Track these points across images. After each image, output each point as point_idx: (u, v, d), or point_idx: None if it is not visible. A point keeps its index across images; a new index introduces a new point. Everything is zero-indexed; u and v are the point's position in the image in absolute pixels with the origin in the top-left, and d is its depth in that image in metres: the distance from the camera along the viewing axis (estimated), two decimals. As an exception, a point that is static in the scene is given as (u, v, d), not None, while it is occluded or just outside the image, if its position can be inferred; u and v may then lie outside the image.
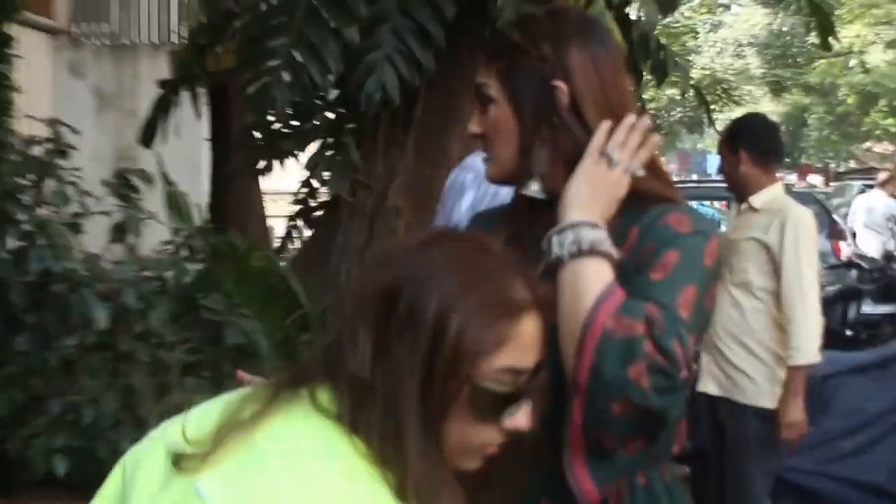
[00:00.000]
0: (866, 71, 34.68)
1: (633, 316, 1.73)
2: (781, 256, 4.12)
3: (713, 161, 58.79)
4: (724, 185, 4.87)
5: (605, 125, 1.84)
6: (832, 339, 6.22)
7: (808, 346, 3.95)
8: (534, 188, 1.90)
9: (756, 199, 4.10)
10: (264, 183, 6.28)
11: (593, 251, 1.79)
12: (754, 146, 4.15)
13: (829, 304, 7.47)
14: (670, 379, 1.70)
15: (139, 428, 3.86)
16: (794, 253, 4.01)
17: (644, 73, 5.24)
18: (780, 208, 4.10)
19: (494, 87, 1.95)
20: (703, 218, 1.97)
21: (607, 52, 1.96)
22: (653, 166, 1.93)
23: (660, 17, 4.44)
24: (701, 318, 1.86)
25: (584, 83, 1.90)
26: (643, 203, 1.91)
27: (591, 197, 1.85)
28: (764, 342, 4.11)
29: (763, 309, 4.26)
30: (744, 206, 4.20)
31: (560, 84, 1.88)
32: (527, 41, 1.96)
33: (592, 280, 1.77)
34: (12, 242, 3.82)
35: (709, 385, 4.47)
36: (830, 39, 5.62)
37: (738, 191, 4.23)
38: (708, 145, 54.08)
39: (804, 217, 4.11)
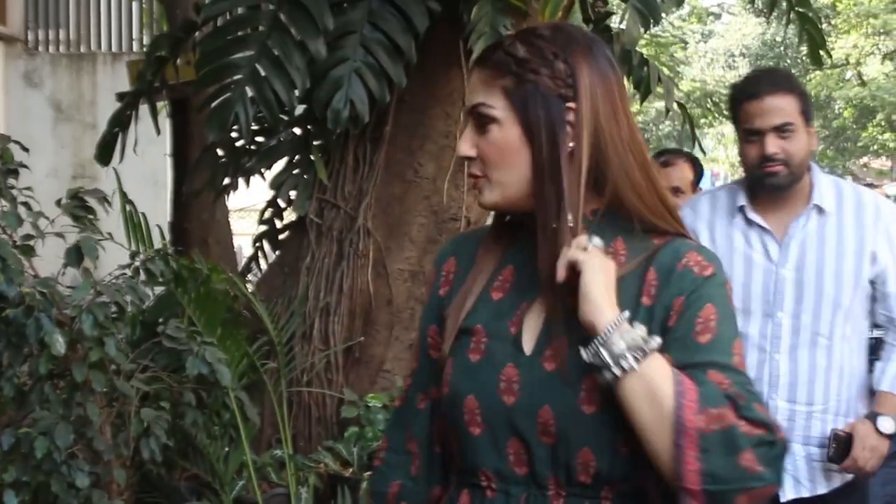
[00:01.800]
0: (863, 83, 34.79)
1: (716, 405, 1.72)
2: None
3: (705, 175, 58.72)
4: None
5: None
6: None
7: None
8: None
9: None
10: (231, 199, 6.27)
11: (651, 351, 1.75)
12: None
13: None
14: (774, 446, 1.73)
15: (95, 462, 3.87)
16: None
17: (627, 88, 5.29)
18: None
19: (500, 107, 1.90)
20: (711, 252, 1.97)
21: (616, 74, 1.95)
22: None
23: (643, 30, 4.45)
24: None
25: (592, 106, 1.87)
26: (645, 234, 1.91)
27: (608, 287, 1.80)
28: None
29: None
30: None
31: (573, 106, 1.86)
32: (537, 57, 1.91)
33: (662, 380, 1.74)
34: (-39, 265, 3.81)
35: None
36: (822, 53, 5.65)
37: None
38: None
39: None
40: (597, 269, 1.79)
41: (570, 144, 1.86)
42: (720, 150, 48.44)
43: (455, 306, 2.00)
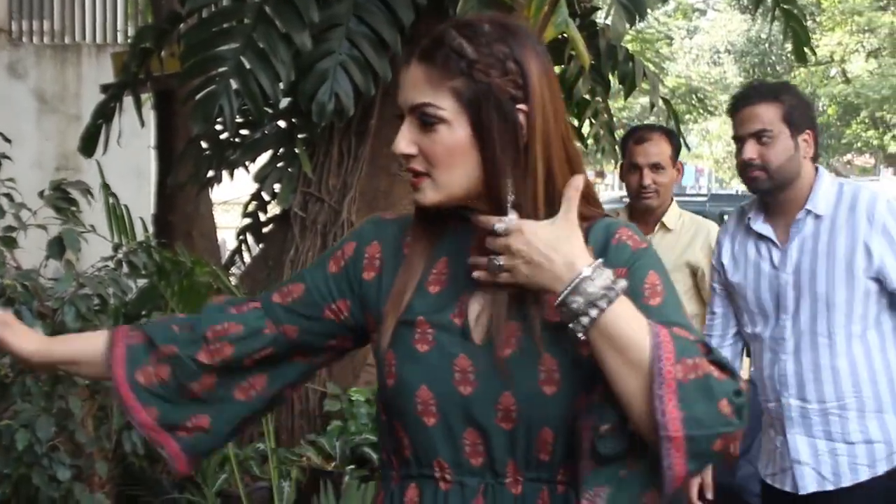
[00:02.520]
0: (848, 81, 34.97)
1: (691, 355, 1.74)
2: None
3: (688, 173, 59.06)
4: (698, 197, 4.94)
5: (579, 179, 1.84)
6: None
7: None
8: (510, 218, 1.83)
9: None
10: (214, 194, 6.25)
11: (622, 292, 1.76)
12: None
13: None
14: (741, 394, 1.75)
15: (76, 454, 3.86)
16: None
17: (610, 84, 5.29)
18: None
19: (448, 108, 1.87)
20: (638, 229, 2.01)
21: (553, 72, 1.96)
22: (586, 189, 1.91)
23: (628, 25, 4.45)
24: None
25: (542, 107, 1.87)
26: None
27: (582, 245, 1.80)
28: None
29: None
30: None
31: (524, 108, 1.85)
32: (488, 57, 1.88)
33: (637, 328, 1.75)
34: (-57, 257, 3.81)
35: None
36: (806, 50, 5.66)
37: None
38: (682, 157, 54.19)
39: None
40: (532, 230, 1.78)
41: (523, 144, 1.86)
42: (704, 147, 48.58)
43: (394, 298, 1.96)
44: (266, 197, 5.19)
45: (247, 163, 5.09)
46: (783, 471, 3.84)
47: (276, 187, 4.98)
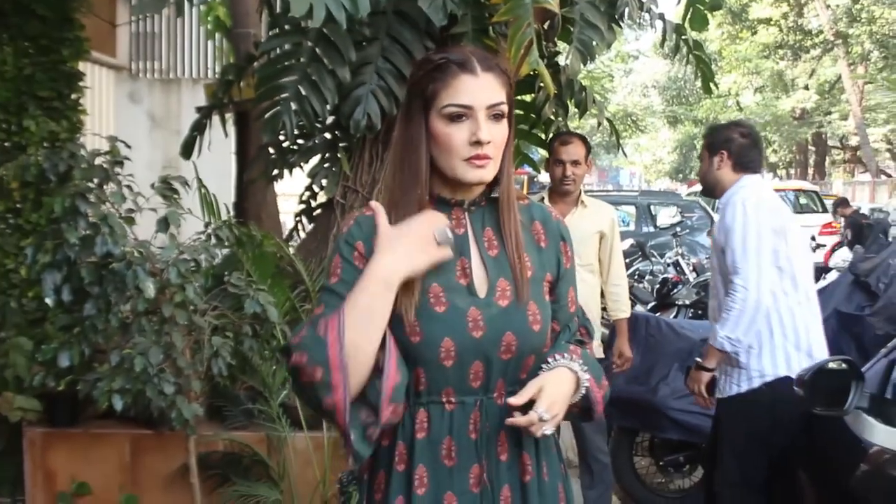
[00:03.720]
0: (741, 109, 34.91)
1: (599, 377, 2.03)
2: None
3: (624, 175, 58.91)
4: (632, 193, 5.02)
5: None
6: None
7: None
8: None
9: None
10: (278, 187, 6.24)
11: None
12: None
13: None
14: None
15: (178, 375, 3.86)
16: None
17: (569, 108, 5.26)
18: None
19: (506, 107, 1.89)
20: None
21: None
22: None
23: (582, 65, 4.42)
24: None
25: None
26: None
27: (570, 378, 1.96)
28: None
29: None
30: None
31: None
32: (507, 73, 1.93)
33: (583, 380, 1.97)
34: (82, 231, 3.80)
35: None
36: (712, 85, 5.64)
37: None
38: (620, 163, 54.33)
39: None
40: (553, 399, 1.88)
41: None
42: (636, 156, 48.53)
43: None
44: (316, 189, 5.18)
45: (302, 164, 5.07)
46: None
47: (324, 182, 4.96)
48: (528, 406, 1.84)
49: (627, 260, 11.61)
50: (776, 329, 3.85)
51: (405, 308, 1.87)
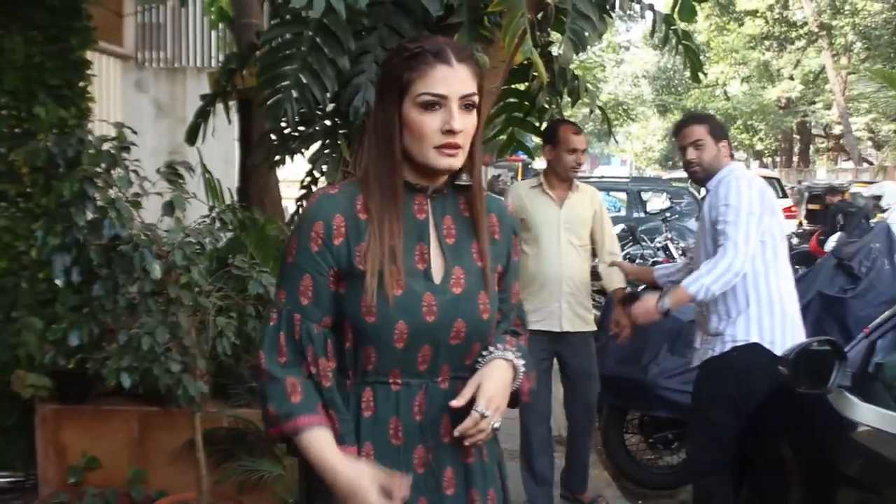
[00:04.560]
0: (728, 98, 34.92)
1: (529, 369, 2.01)
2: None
3: (615, 162, 58.84)
4: (623, 179, 5.10)
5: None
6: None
7: None
8: (465, 178, 1.93)
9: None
10: (280, 173, 6.22)
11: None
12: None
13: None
14: None
15: (184, 354, 3.86)
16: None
17: (562, 96, 5.24)
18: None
19: (477, 98, 1.89)
20: None
21: None
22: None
23: (575, 55, 4.41)
24: None
25: None
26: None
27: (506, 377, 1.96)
28: None
29: None
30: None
31: None
32: (479, 65, 1.96)
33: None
34: (90, 214, 3.80)
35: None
36: (700, 74, 5.62)
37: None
38: (612, 150, 54.26)
39: None
40: (492, 395, 1.89)
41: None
42: (627, 144, 48.45)
43: (373, 254, 1.85)
44: (316, 174, 5.15)
45: (303, 150, 5.05)
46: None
47: (324, 167, 4.93)
48: (469, 405, 1.86)
49: (618, 244, 11.63)
50: (752, 297, 3.95)
51: (366, 289, 1.84)
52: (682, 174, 4.97)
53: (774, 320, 3.95)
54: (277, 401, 1.85)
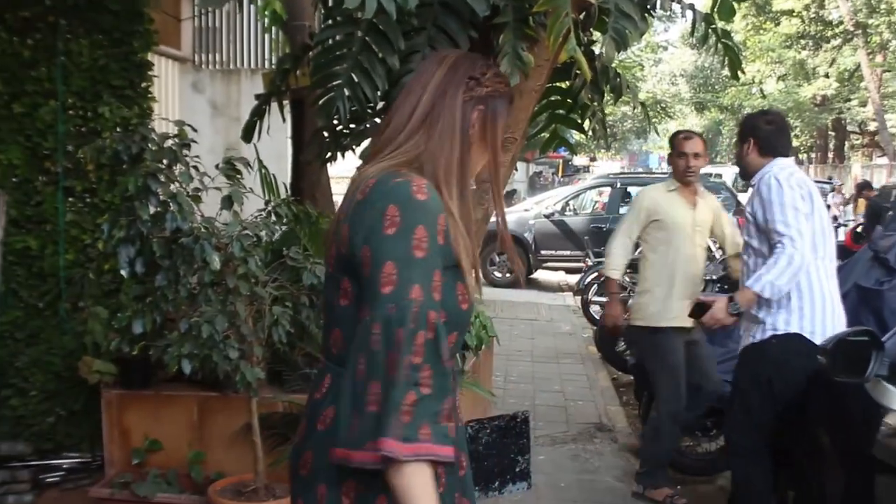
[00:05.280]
0: (764, 96, 34.44)
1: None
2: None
3: (653, 159, 58.41)
4: (662, 175, 5.11)
5: None
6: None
7: None
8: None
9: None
10: (331, 169, 6.25)
11: None
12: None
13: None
14: None
15: (241, 342, 3.90)
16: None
17: (604, 94, 5.21)
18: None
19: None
20: None
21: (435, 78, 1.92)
22: None
23: (616, 53, 4.38)
24: None
25: None
26: None
27: None
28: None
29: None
30: None
31: None
32: None
33: None
34: (153, 208, 3.85)
35: None
36: (739, 72, 5.56)
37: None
38: (650, 147, 53.82)
39: None
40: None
41: None
42: (665, 141, 48.02)
43: (465, 244, 1.74)
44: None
45: (354, 146, 5.07)
46: None
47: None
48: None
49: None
50: (793, 289, 3.94)
51: (462, 278, 1.75)
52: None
53: (815, 311, 3.94)
54: (434, 421, 1.56)
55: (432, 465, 1.55)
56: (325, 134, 4.77)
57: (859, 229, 12.07)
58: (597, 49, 4.98)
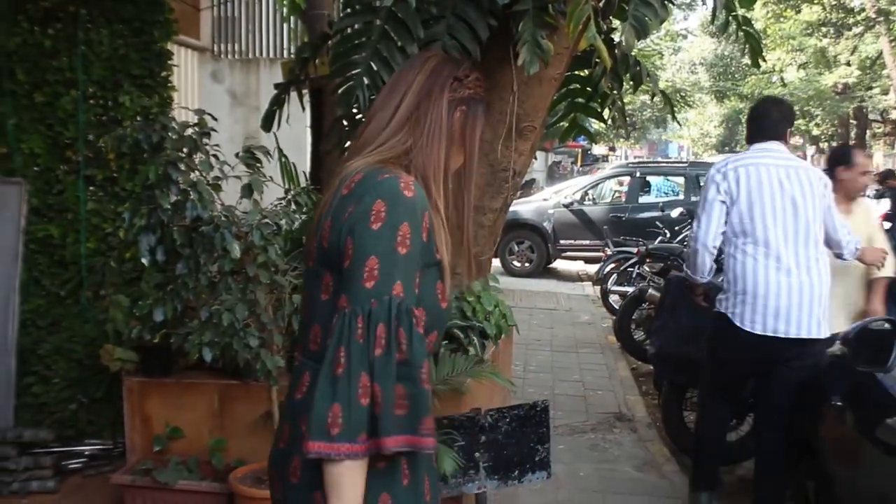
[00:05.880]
0: (784, 85, 34.18)
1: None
2: None
3: (673, 148, 58.03)
4: (682, 164, 5.04)
5: None
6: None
7: None
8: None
9: None
10: (350, 158, 6.24)
11: None
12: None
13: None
14: None
15: (262, 330, 3.91)
16: None
17: (624, 82, 5.18)
18: None
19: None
20: None
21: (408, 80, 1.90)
22: None
23: (637, 41, 4.36)
24: None
25: None
26: None
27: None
28: None
29: None
30: None
31: None
32: None
33: None
34: (173, 197, 3.86)
35: None
36: (759, 60, 5.52)
37: None
38: (669, 136, 53.59)
39: None
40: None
41: None
42: (685, 130, 47.84)
43: (447, 243, 1.76)
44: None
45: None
46: None
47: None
48: None
49: (677, 227, 11.48)
50: (727, 270, 4.26)
51: (442, 276, 1.76)
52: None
53: (737, 295, 4.16)
54: (427, 412, 1.61)
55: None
56: (345, 123, 4.77)
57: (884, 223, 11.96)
58: (616, 38, 4.96)
